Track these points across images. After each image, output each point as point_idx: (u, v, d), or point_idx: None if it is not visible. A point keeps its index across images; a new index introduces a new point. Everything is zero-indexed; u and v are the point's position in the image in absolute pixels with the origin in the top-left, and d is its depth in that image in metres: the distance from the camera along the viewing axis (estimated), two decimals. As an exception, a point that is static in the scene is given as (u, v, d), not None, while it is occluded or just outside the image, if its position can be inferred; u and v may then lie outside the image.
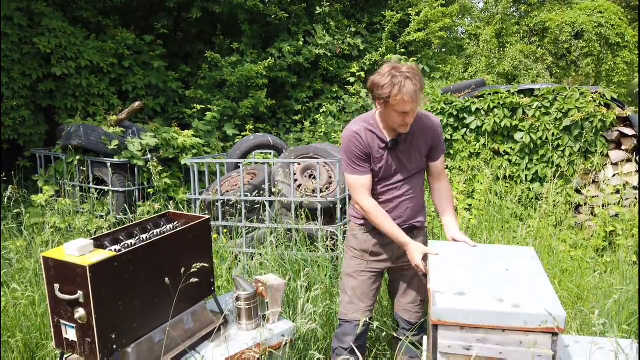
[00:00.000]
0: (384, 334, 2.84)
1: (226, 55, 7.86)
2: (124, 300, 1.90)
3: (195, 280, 2.04)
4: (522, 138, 5.18)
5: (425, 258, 2.15)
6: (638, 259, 3.72)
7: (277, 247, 3.53)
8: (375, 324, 2.24)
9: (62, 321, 1.87)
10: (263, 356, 2.23)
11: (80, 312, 1.79)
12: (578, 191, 4.92)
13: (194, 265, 2.04)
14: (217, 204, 4.22)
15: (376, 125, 2.25)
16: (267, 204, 4.06)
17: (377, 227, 2.26)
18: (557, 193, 4.76)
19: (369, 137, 2.23)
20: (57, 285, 1.83)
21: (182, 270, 2.07)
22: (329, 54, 8.45)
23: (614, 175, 4.75)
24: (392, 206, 2.31)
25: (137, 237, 2.17)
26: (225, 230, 4.18)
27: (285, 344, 2.37)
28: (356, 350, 1.88)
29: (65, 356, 1.98)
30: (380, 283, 2.46)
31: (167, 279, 1.95)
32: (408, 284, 2.42)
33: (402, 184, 2.31)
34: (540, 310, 1.67)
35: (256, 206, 4.15)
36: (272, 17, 8.22)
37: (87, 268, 1.74)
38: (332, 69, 8.51)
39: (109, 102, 6.52)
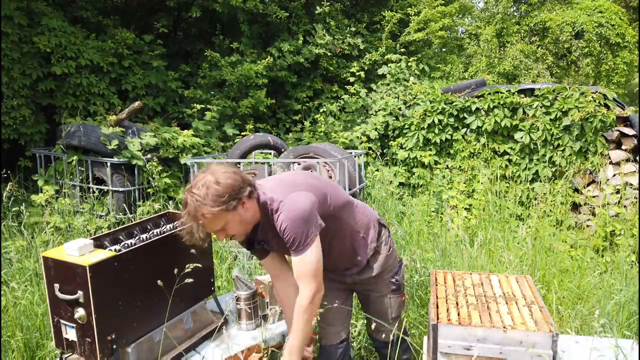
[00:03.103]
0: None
1: (226, 55, 7.86)
2: (124, 300, 1.89)
3: (195, 280, 2.04)
4: (522, 138, 5.18)
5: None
6: (638, 259, 3.72)
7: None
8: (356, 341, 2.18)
9: (62, 321, 1.87)
10: (264, 356, 2.23)
11: (80, 312, 1.79)
12: (578, 191, 4.91)
13: (188, 265, 2.04)
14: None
15: None
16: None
17: None
18: (557, 193, 4.76)
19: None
20: (57, 285, 1.83)
21: (181, 270, 2.06)
22: (329, 54, 8.44)
23: (614, 175, 4.75)
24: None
25: (137, 237, 2.17)
26: (225, 230, 4.17)
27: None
28: None
29: (65, 356, 1.98)
30: (350, 301, 2.31)
31: (159, 282, 1.94)
32: (373, 303, 2.24)
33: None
34: None
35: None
36: (273, 16, 8.21)
37: (87, 268, 1.74)
38: (332, 68, 8.50)
39: (109, 102, 6.51)
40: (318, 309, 1.91)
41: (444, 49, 10.32)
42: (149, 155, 5.18)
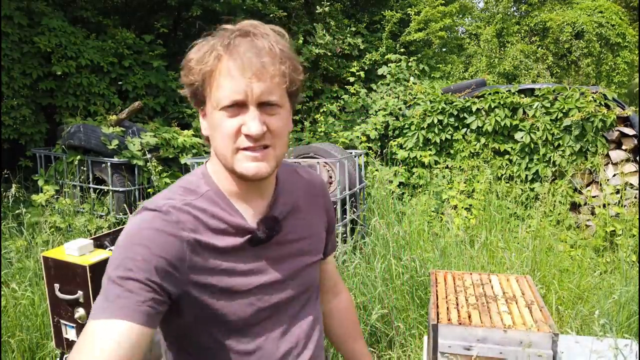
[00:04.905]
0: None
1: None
2: (124, 300, 1.89)
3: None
4: (522, 138, 5.18)
5: None
6: (638, 259, 3.72)
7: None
8: None
9: (62, 321, 1.87)
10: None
11: (80, 312, 1.79)
12: (578, 191, 4.92)
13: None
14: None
15: (212, 195, 0.98)
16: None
17: None
18: (557, 193, 4.76)
19: (191, 226, 0.95)
20: (57, 285, 1.83)
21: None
22: (329, 54, 8.44)
23: (614, 175, 4.75)
24: None
25: (137, 237, 2.17)
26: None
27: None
28: None
29: (65, 356, 1.98)
30: None
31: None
32: None
33: (290, 326, 1.04)
34: None
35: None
36: (271, 15, 8.22)
37: (87, 268, 1.74)
38: (332, 68, 8.51)
39: (109, 102, 6.52)
40: None
41: (444, 49, 10.32)
42: (149, 155, 5.18)
